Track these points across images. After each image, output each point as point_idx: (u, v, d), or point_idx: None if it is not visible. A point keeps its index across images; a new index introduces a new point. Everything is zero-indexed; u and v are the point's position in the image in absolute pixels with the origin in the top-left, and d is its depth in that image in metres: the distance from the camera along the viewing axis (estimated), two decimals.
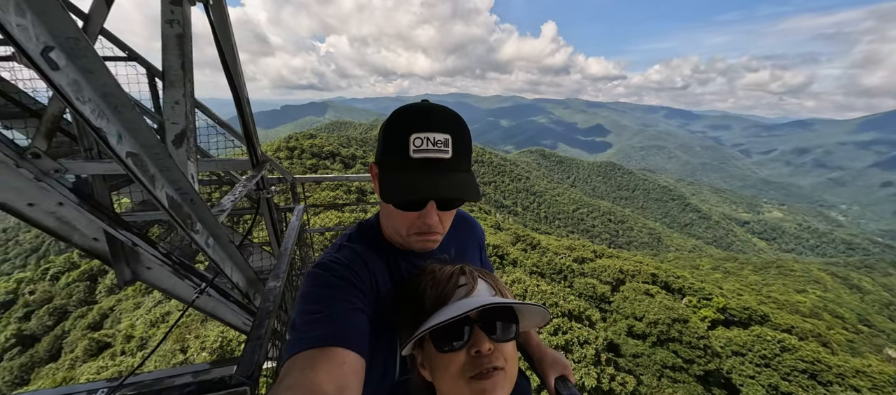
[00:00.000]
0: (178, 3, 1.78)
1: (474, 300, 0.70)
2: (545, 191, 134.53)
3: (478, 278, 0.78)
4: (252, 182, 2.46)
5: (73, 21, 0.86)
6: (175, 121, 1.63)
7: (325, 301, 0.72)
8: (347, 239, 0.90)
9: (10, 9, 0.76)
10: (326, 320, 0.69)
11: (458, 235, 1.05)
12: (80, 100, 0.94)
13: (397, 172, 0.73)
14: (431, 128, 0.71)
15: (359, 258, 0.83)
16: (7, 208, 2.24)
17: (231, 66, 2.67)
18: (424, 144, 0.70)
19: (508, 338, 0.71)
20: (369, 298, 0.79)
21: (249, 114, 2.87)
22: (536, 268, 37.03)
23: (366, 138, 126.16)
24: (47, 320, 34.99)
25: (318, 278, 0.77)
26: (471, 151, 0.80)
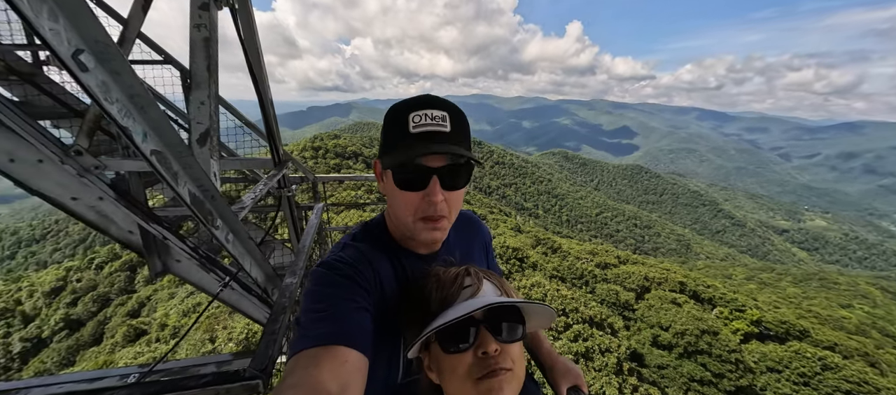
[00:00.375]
0: (205, 9, 1.86)
1: (479, 301, 0.70)
2: (567, 194, 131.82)
3: (483, 279, 0.77)
4: (273, 181, 2.54)
5: (101, 26, 0.91)
6: (200, 121, 1.70)
7: (329, 300, 0.72)
8: (352, 238, 0.90)
9: (44, 14, 0.81)
10: (330, 318, 0.69)
11: (462, 235, 1.05)
12: (108, 100, 0.99)
13: (398, 148, 0.75)
14: (429, 106, 0.75)
15: (363, 257, 0.82)
16: (53, 202, 2.41)
17: (256, 68, 2.77)
18: (423, 119, 0.74)
19: (515, 339, 0.70)
20: (373, 297, 0.79)
21: (272, 115, 2.96)
22: (557, 272, 36.30)
23: None
24: (91, 307, 37.58)
25: (322, 276, 0.78)
26: (469, 132, 0.82)
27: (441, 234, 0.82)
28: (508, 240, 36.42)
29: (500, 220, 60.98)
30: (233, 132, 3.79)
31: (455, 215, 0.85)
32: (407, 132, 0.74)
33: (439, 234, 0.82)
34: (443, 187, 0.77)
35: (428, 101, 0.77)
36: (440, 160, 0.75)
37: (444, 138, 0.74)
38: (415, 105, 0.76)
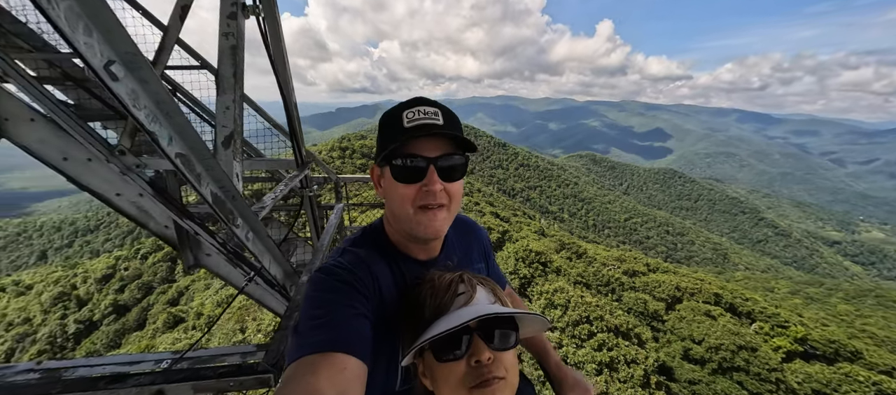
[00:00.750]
0: (233, 18, 1.96)
1: (473, 310, 0.70)
2: (594, 198, 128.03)
3: (477, 286, 0.78)
4: (294, 181, 2.64)
5: (130, 38, 0.98)
6: (225, 124, 1.79)
7: (327, 306, 0.72)
8: (351, 243, 0.91)
9: (80, 29, 0.88)
10: (328, 325, 0.69)
11: (462, 240, 1.06)
12: (136, 107, 1.07)
13: (395, 142, 0.77)
14: (420, 104, 0.80)
15: (362, 262, 0.83)
16: (100, 197, 2.62)
17: (281, 72, 2.88)
18: (416, 114, 0.78)
19: (508, 346, 0.70)
20: (372, 302, 0.79)
21: (296, 117, 3.07)
22: (582, 278, 35.31)
23: None
24: (137, 294, 40.41)
25: (320, 282, 0.78)
26: (461, 128, 0.84)
27: (441, 224, 0.82)
28: (532, 244, 35.80)
29: (524, 223, 60.12)
30: (263, 134, 3.97)
31: (455, 210, 0.86)
32: (402, 128, 0.77)
33: (438, 225, 0.82)
34: (440, 178, 0.79)
35: (420, 100, 0.81)
36: (436, 150, 0.79)
37: (438, 129, 0.77)
38: (408, 105, 0.80)
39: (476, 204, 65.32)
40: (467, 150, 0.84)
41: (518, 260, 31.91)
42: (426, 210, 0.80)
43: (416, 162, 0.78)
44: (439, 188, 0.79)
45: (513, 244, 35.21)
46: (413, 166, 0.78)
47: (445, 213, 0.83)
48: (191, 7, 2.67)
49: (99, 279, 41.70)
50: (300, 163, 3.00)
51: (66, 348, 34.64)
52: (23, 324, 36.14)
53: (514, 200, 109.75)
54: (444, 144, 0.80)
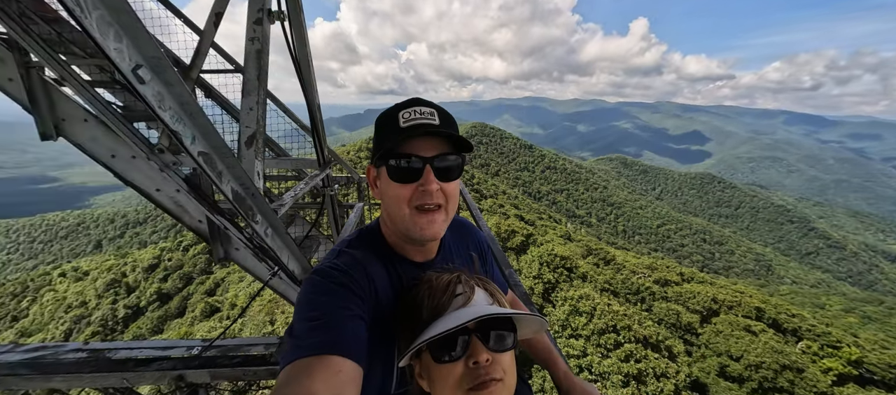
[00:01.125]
0: (259, 23, 2.05)
1: (471, 311, 0.69)
2: (625, 202, 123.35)
3: (475, 287, 0.77)
4: (315, 180, 2.72)
5: (156, 44, 1.05)
6: (248, 124, 1.88)
7: (322, 308, 0.72)
8: (347, 245, 0.89)
9: (110, 36, 0.96)
10: (324, 327, 0.68)
11: (459, 241, 1.05)
12: (161, 108, 1.14)
13: (391, 143, 0.77)
14: (416, 105, 0.80)
15: (358, 264, 0.82)
16: (142, 192, 2.81)
17: (305, 75, 2.99)
18: (412, 114, 0.78)
19: (506, 348, 0.70)
20: (368, 304, 0.78)
21: (319, 118, 3.17)
22: (609, 285, 34.08)
23: None
24: (178, 283, 43.14)
25: (316, 284, 0.77)
26: (457, 128, 0.83)
27: (437, 227, 0.81)
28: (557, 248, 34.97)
29: (549, 227, 58.89)
30: (292, 134, 4.13)
31: (452, 211, 0.85)
32: (398, 128, 0.77)
33: (436, 227, 0.81)
34: (437, 177, 0.79)
35: (416, 101, 0.81)
36: (432, 150, 0.78)
37: (434, 129, 0.77)
38: (404, 105, 0.80)
39: (500, 206, 64.70)
40: (463, 149, 0.83)
41: (542, 264, 31.27)
42: (423, 212, 0.80)
43: (412, 162, 0.78)
44: (436, 188, 0.79)
45: (537, 248, 34.54)
46: (409, 166, 0.78)
47: (443, 214, 0.82)
48: (224, 14, 2.82)
49: (146, 269, 44.88)
50: (322, 163, 3.10)
51: (115, 330, 37.55)
52: (79, 307, 39.53)
53: (540, 203, 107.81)
54: (440, 144, 0.80)
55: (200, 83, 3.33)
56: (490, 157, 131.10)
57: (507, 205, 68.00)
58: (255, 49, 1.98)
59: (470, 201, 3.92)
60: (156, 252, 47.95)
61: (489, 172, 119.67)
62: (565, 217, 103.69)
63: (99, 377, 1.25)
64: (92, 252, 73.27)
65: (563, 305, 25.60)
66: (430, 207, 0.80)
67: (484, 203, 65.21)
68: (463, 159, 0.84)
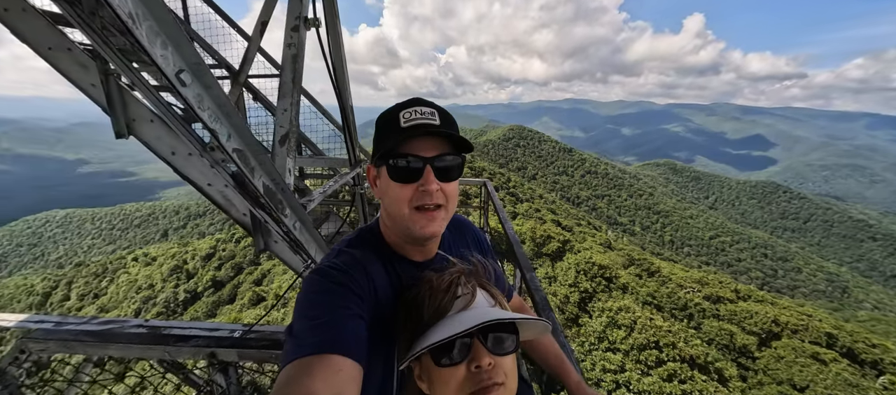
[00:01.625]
0: (296, 30, 2.19)
1: (474, 314, 0.69)
2: (673, 211, 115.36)
3: (476, 289, 0.77)
4: (345, 178, 2.84)
5: (196, 51, 1.17)
6: (282, 125, 2.02)
7: (322, 307, 0.72)
8: (347, 244, 0.90)
9: (158, 44, 1.08)
10: (324, 326, 0.68)
11: (457, 239, 1.06)
12: (201, 108, 1.26)
13: (392, 143, 0.78)
14: (417, 105, 0.80)
15: (357, 263, 0.82)
16: (196, 186, 3.10)
17: (339, 78, 3.13)
18: (413, 114, 0.78)
19: (508, 351, 0.70)
20: (368, 303, 0.78)
21: (351, 119, 3.31)
22: (652, 299, 31.98)
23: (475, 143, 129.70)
24: (230, 272, 46.69)
25: (315, 283, 0.77)
26: (457, 129, 0.84)
27: (437, 226, 0.82)
28: (596, 256, 33.42)
29: (588, 234, 56.53)
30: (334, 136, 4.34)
31: (451, 210, 0.85)
32: (399, 128, 0.78)
33: (435, 226, 0.82)
34: (437, 178, 0.79)
35: (416, 101, 0.82)
36: (433, 150, 0.79)
37: (434, 129, 0.78)
38: (404, 105, 0.81)
39: (537, 210, 63.23)
40: (464, 150, 0.84)
41: (579, 272, 30.03)
42: (423, 210, 0.80)
43: (412, 162, 0.78)
44: (436, 189, 0.79)
45: (574, 256, 33.27)
46: (409, 166, 0.78)
47: (443, 213, 0.83)
48: (269, 22, 3.04)
49: (203, 257, 49.11)
50: (354, 162, 3.23)
51: (176, 311, 41.41)
52: (147, 289, 44.11)
53: (579, 208, 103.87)
54: (440, 144, 0.80)
55: (248, 86, 3.60)
56: (527, 160, 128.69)
57: (544, 209, 66.32)
58: (291, 54, 2.12)
59: (498, 204, 3.88)
60: (212, 243, 52.32)
61: (526, 175, 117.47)
62: (606, 224, 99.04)
63: (146, 349, 1.41)
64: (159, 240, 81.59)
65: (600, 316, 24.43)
66: (430, 207, 0.80)
67: (520, 207, 64.12)
68: (463, 159, 0.85)
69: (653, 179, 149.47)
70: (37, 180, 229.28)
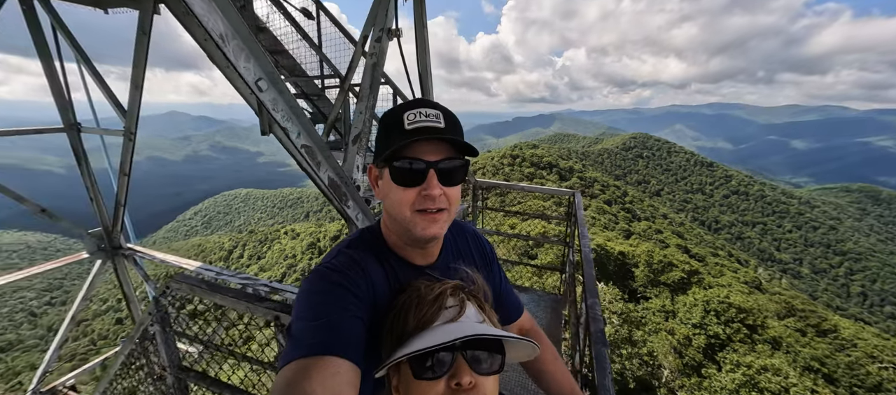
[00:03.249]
0: (378, 41, 2.43)
1: (458, 327, 0.66)
2: (869, 253, 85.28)
3: (466, 302, 0.74)
4: None
5: (270, 62, 1.41)
6: (357, 126, 2.25)
7: (320, 308, 0.73)
8: (347, 245, 0.90)
9: (241, 58, 1.34)
10: (322, 327, 0.69)
11: (460, 245, 1.04)
12: (275, 109, 1.51)
13: (395, 146, 0.77)
14: (422, 106, 0.79)
15: (356, 264, 0.83)
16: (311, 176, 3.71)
17: (424, 82, 3.32)
18: (418, 116, 0.77)
19: (492, 371, 0.67)
20: (366, 305, 0.78)
21: None
22: (820, 365, 24.17)
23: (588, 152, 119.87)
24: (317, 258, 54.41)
25: (313, 284, 0.78)
26: (462, 132, 0.84)
27: (438, 228, 0.81)
28: (735, 296, 27.02)
29: (727, 267, 46.27)
30: None
31: (453, 213, 0.85)
32: (403, 130, 0.77)
33: (437, 228, 0.81)
34: (440, 182, 0.79)
35: (422, 102, 0.81)
36: (437, 154, 0.78)
37: (439, 133, 0.77)
38: (409, 106, 0.80)
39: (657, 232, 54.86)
40: (468, 154, 0.82)
41: (709, 312, 24.81)
42: (424, 214, 0.80)
43: (416, 165, 0.78)
44: (438, 193, 0.79)
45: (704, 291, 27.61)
46: (413, 170, 0.78)
47: (445, 216, 0.82)
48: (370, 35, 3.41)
49: (331, 237, 58.21)
50: None
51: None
52: (291, 258, 54.52)
53: (717, 235, 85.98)
54: (444, 148, 0.79)
55: (352, 90, 4.12)
56: (650, 173, 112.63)
57: (667, 232, 57.06)
58: (371, 63, 2.36)
59: (579, 215, 3.55)
60: (338, 226, 61.58)
61: (648, 190, 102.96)
62: (755, 259, 79.52)
63: (231, 300, 1.77)
64: (303, 220, 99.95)
65: (733, 371, 19.68)
66: (433, 210, 0.80)
67: (636, 225, 56.59)
68: (467, 163, 0.83)
69: (838, 209, 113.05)
70: (233, 166, 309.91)
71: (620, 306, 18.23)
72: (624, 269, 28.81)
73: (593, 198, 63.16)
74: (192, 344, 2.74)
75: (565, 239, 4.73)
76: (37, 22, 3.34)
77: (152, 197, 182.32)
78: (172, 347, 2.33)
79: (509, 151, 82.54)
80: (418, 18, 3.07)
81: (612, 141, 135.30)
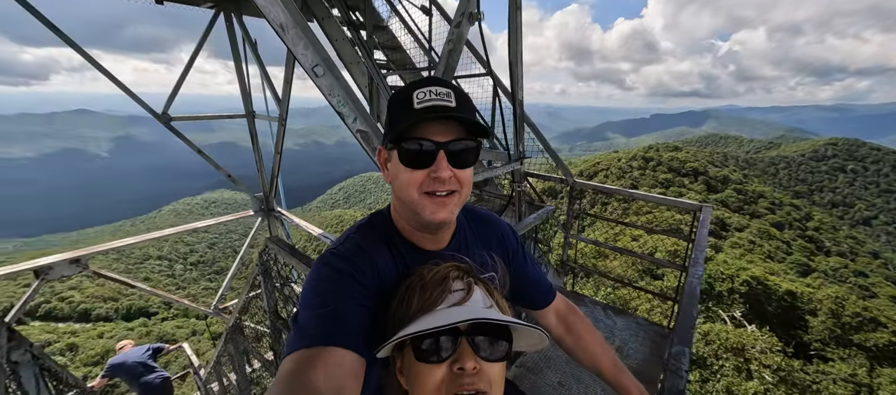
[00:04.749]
0: (458, 26, 2.35)
1: (464, 311, 0.63)
2: None
3: (473, 286, 0.70)
4: (494, 172, 2.84)
5: (325, 50, 1.49)
6: None
7: (324, 297, 0.72)
8: (356, 230, 0.88)
9: (300, 45, 1.45)
10: (327, 317, 0.69)
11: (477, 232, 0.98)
12: (331, 95, 1.60)
13: (404, 125, 0.73)
14: (433, 84, 0.75)
15: (362, 251, 0.81)
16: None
17: (514, 70, 3.11)
18: (428, 95, 0.73)
19: (497, 358, 0.64)
20: (371, 292, 0.77)
21: (520, 114, 3.22)
22: None
23: (754, 159, 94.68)
24: None
25: (318, 271, 0.78)
26: (475, 111, 0.82)
27: (448, 213, 0.78)
28: None
29: None
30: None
31: (465, 196, 0.81)
32: (412, 109, 0.73)
33: (446, 212, 0.77)
34: (450, 163, 0.75)
35: (432, 80, 0.77)
36: (447, 135, 0.74)
37: (450, 112, 0.73)
38: (419, 84, 0.76)
39: (858, 273, 40.18)
40: (480, 135, 0.78)
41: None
42: (433, 197, 0.76)
43: (425, 146, 0.73)
44: (448, 175, 0.74)
45: None
46: (422, 151, 0.74)
47: (455, 199, 0.78)
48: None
49: None
50: (512, 157, 3.17)
51: None
52: None
53: None
54: (455, 128, 0.75)
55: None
56: (856, 193, 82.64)
57: (876, 276, 41.09)
58: (448, 49, 2.30)
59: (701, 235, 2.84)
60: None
61: (849, 216, 76.08)
62: None
63: (301, 265, 2.02)
64: None
65: None
66: (442, 193, 0.76)
67: (821, 261, 42.50)
68: (479, 145, 0.79)
69: None
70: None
71: (777, 360, 14.02)
72: (791, 314, 22.21)
73: (755, 218, 49.82)
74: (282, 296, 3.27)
75: (684, 262, 3.86)
76: (234, 34, 4.38)
77: (309, 173, 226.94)
78: (271, 297, 2.80)
79: (642, 152, 72.16)
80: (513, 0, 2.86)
81: (795, 147, 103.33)
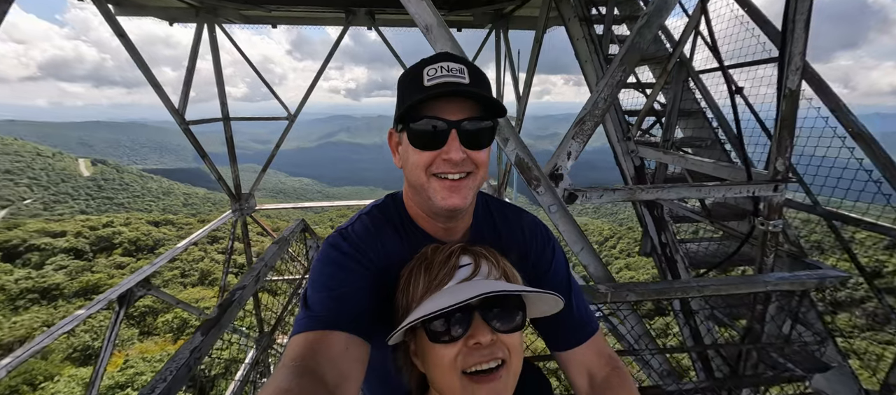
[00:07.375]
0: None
1: (473, 286, 0.61)
2: None
3: (481, 260, 0.68)
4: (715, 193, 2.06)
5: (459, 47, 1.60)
6: (586, 108, 1.95)
7: (331, 279, 0.71)
8: (368, 211, 0.85)
9: (437, 45, 1.64)
10: (333, 300, 0.68)
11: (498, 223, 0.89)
12: None
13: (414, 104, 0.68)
14: (444, 60, 0.70)
15: (370, 233, 0.78)
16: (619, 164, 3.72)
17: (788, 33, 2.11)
18: (439, 71, 0.68)
19: (512, 328, 0.62)
20: (378, 277, 0.75)
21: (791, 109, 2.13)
22: None
23: None
24: None
25: (326, 254, 0.76)
26: (490, 89, 0.74)
27: (461, 198, 0.71)
28: None
29: None
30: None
31: (481, 180, 0.74)
32: (422, 87, 0.67)
33: (459, 198, 0.71)
34: (463, 144, 0.69)
35: (444, 56, 0.71)
36: (460, 113, 0.68)
37: (463, 89, 0.67)
38: (430, 61, 0.70)
39: None
40: (496, 114, 0.72)
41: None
42: (443, 180, 0.71)
43: (436, 125, 0.68)
44: (461, 157, 0.69)
45: None
46: (432, 130, 0.68)
47: (470, 183, 0.72)
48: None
49: None
50: (749, 176, 2.14)
51: None
52: None
53: None
54: (469, 106, 0.69)
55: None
56: None
57: None
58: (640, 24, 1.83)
59: None
60: None
61: None
62: None
63: None
64: None
65: None
66: (455, 176, 0.70)
67: None
68: (495, 124, 0.73)
69: None
70: None
71: None
72: None
73: None
74: None
75: None
76: None
77: None
78: None
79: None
80: None
81: None
